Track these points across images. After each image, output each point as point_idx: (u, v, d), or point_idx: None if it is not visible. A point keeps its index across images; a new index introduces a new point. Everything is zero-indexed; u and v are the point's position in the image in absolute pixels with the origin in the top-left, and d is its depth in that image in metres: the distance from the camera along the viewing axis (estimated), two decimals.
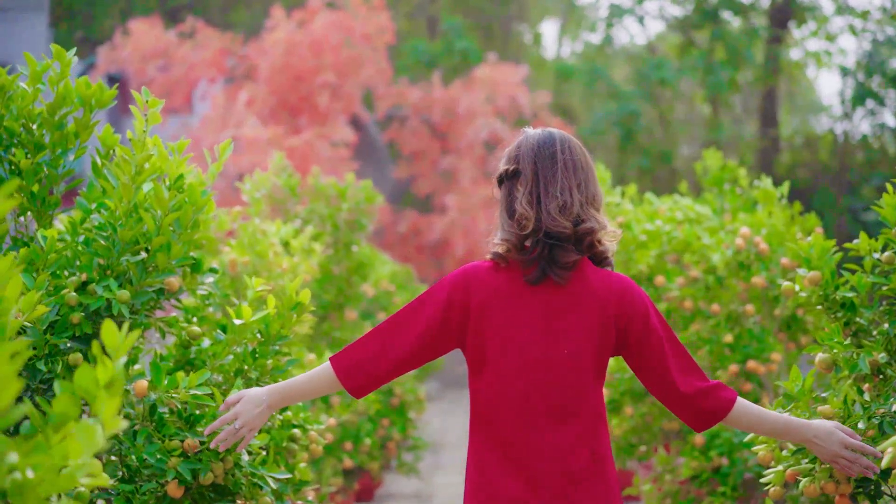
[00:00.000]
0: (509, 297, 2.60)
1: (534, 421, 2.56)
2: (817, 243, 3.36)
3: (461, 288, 2.63)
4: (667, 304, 5.18)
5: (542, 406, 2.57)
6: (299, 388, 2.73)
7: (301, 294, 3.21)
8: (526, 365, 2.57)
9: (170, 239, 3.01)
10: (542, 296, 2.60)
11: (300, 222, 6.09)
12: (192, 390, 2.88)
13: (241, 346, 3.24)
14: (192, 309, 3.58)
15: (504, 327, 2.59)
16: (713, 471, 4.91)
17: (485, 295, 2.61)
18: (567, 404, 2.57)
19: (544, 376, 2.57)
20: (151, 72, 16.48)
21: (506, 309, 2.60)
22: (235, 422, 2.68)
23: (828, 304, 3.26)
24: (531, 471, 2.55)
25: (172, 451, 2.93)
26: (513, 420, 2.57)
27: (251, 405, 2.69)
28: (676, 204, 5.46)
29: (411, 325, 2.65)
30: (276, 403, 2.72)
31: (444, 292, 2.64)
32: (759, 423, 2.64)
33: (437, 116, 17.55)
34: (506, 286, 2.61)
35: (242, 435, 2.69)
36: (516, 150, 2.69)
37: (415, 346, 2.64)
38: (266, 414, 2.71)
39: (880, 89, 18.14)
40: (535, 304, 2.60)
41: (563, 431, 2.56)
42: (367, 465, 6.68)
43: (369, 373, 2.67)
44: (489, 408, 2.60)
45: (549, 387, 2.57)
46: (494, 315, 2.60)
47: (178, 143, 3.07)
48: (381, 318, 8.43)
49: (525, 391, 2.57)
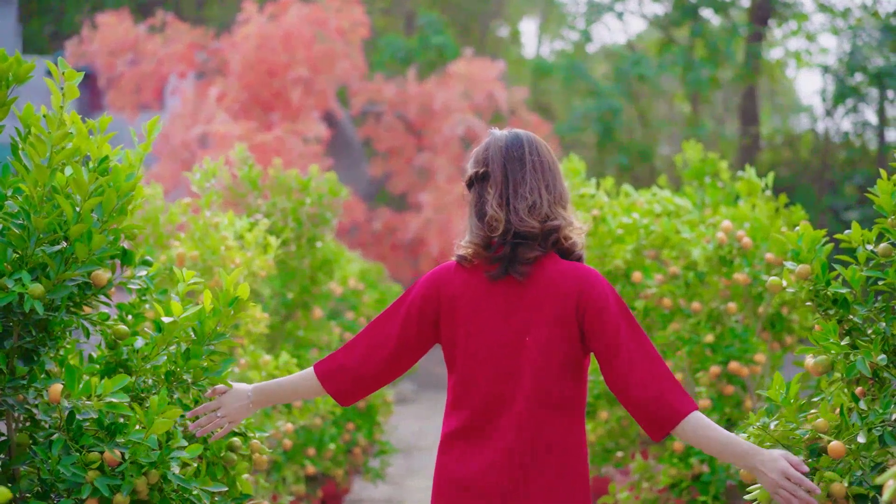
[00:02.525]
0: (475, 293, 2.71)
1: (498, 408, 2.66)
2: (806, 234, 3.07)
3: (433, 286, 2.76)
4: (644, 301, 4.89)
5: (506, 393, 2.65)
6: (283, 389, 2.86)
7: (239, 288, 2.90)
8: (491, 354, 2.67)
9: (91, 227, 2.70)
10: (502, 290, 2.69)
11: (261, 216, 5.77)
12: (107, 397, 2.56)
13: (175, 346, 2.93)
14: (126, 306, 3.26)
15: (470, 322, 2.70)
16: (693, 478, 4.62)
17: (452, 291, 2.73)
18: (532, 394, 2.63)
19: (508, 364, 2.65)
20: (120, 66, 16.12)
21: (470, 303, 2.71)
22: (218, 410, 2.81)
23: (818, 300, 2.97)
24: (492, 455, 2.64)
25: (91, 463, 2.62)
26: (478, 406, 2.67)
27: (234, 398, 2.82)
28: (655, 196, 5.18)
29: (390, 325, 2.77)
30: (259, 401, 2.85)
31: (417, 291, 2.78)
32: (707, 441, 2.58)
33: (413, 113, 17.24)
34: (472, 283, 2.72)
35: (222, 424, 2.81)
36: (484, 152, 2.75)
37: (396, 344, 2.75)
38: (249, 409, 2.83)
39: (862, 87, 17.98)
40: (496, 298, 2.69)
41: (526, 419, 2.63)
42: (331, 472, 6.36)
43: (354, 376, 2.77)
44: (458, 396, 2.71)
45: (512, 375, 2.65)
46: (461, 309, 2.71)
47: (101, 120, 2.75)
48: (349, 317, 8.12)
49: (491, 378, 2.67)
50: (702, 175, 5.79)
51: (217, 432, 2.84)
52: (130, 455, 2.62)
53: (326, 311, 7.61)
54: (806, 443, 2.68)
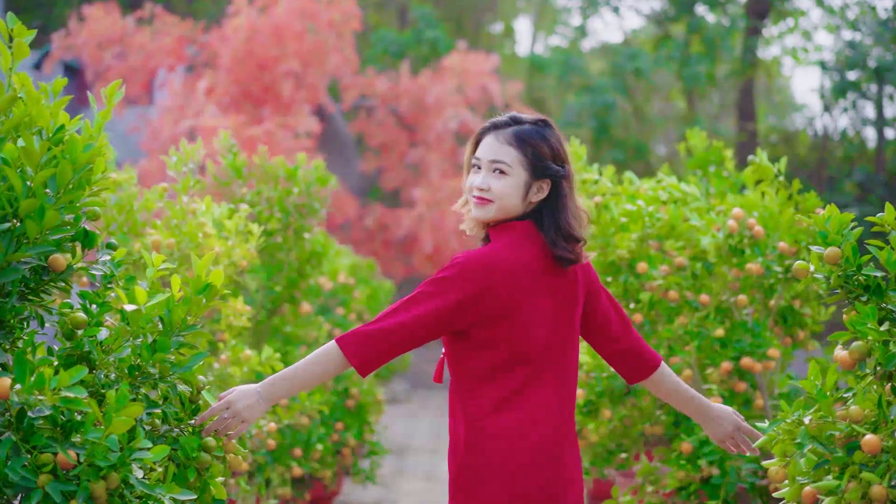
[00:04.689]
0: (539, 269, 2.75)
1: (563, 364, 2.78)
2: (834, 216, 2.80)
3: (490, 267, 2.70)
4: (649, 294, 4.62)
5: (563, 351, 2.78)
6: (296, 373, 2.69)
7: (212, 275, 2.62)
8: (543, 322, 2.73)
9: (43, 203, 2.42)
10: (551, 270, 2.78)
11: (246, 206, 5.48)
12: (63, 391, 2.28)
13: (142, 338, 2.66)
14: (90, 294, 2.98)
15: (529, 293, 2.72)
16: (702, 482, 4.34)
17: (515, 272, 2.72)
18: (565, 362, 2.79)
19: (554, 332, 2.76)
20: (108, 59, 15.80)
21: (533, 278, 2.74)
22: (226, 411, 2.67)
23: (849, 286, 2.70)
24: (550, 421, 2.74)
25: (43, 466, 2.34)
26: (543, 365, 2.74)
27: (241, 395, 2.67)
28: (660, 183, 4.90)
29: (436, 299, 2.68)
30: (270, 394, 2.69)
31: (470, 270, 2.70)
32: (675, 391, 2.95)
33: (406, 107, 16.94)
34: (532, 260, 2.75)
35: (234, 425, 2.68)
36: (560, 147, 2.80)
37: (436, 315, 2.68)
38: (261, 406, 2.68)
39: (862, 82, 17.77)
40: (547, 277, 2.77)
41: (562, 387, 2.77)
42: (319, 474, 6.07)
43: (379, 347, 2.66)
44: (519, 355, 2.71)
45: (557, 343, 2.77)
46: (523, 284, 2.72)
47: (55, 83, 2.47)
48: (339, 313, 7.84)
49: (549, 339, 2.75)
50: (706, 164, 5.53)
51: (230, 434, 2.72)
52: (87, 456, 2.33)
53: (315, 307, 7.34)
54: (841, 440, 2.40)
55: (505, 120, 2.79)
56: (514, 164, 2.72)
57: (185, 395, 2.80)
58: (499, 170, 2.72)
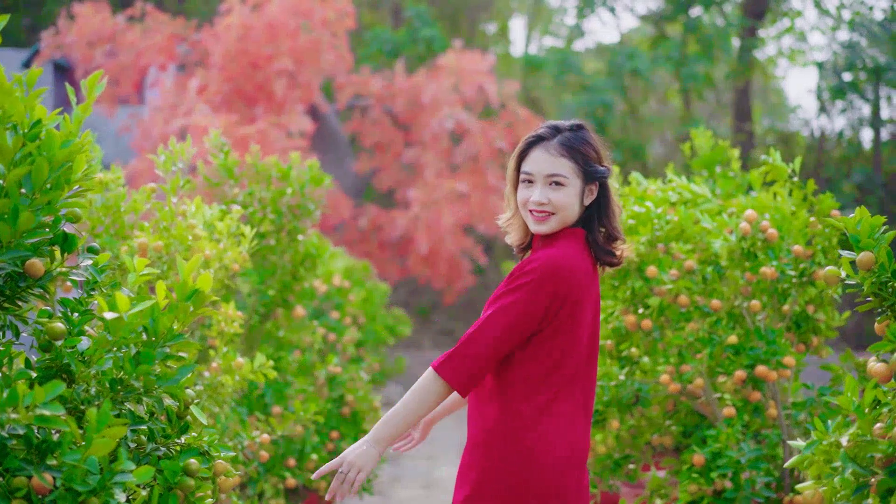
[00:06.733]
0: (593, 278, 2.82)
1: (590, 374, 2.83)
2: (865, 219, 2.62)
3: (568, 276, 2.72)
4: (658, 299, 4.43)
5: (591, 362, 2.84)
6: (398, 409, 2.72)
7: (200, 279, 2.43)
8: (587, 331, 2.80)
9: (17, 203, 2.23)
10: (596, 278, 2.85)
11: (238, 208, 5.29)
12: (38, 408, 2.08)
13: (125, 349, 2.46)
14: (71, 302, 2.78)
15: (592, 301, 2.79)
16: (715, 495, 4.16)
17: (582, 279, 2.75)
18: (588, 370, 2.83)
19: (592, 339, 2.84)
20: (98, 58, 15.57)
21: (590, 287, 2.79)
22: (342, 466, 2.67)
23: (884, 293, 2.52)
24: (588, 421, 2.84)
25: (16, 491, 2.15)
26: (580, 372, 2.79)
27: (351, 448, 2.69)
28: (668, 184, 4.72)
29: (524, 305, 2.69)
30: (379, 435, 2.71)
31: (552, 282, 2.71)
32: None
33: (401, 107, 16.73)
34: (591, 268, 2.81)
35: (352, 479, 2.67)
36: (601, 147, 2.88)
37: (525, 323, 2.71)
38: (372, 451, 2.69)
39: (859, 83, 17.63)
40: (595, 285, 2.83)
41: (588, 395, 2.83)
42: (313, 484, 5.86)
43: (474, 367, 2.69)
44: (567, 360, 2.75)
45: (593, 347, 2.85)
46: (586, 291, 2.76)
47: (29, 73, 2.27)
48: (333, 317, 7.63)
49: (588, 348, 2.82)
50: (712, 164, 5.36)
51: (353, 486, 2.71)
52: (65, 480, 2.14)
53: (309, 311, 7.14)
54: (882, 462, 2.22)
55: (548, 131, 2.81)
56: (570, 174, 2.75)
57: (173, 411, 2.61)
58: (556, 182, 2.75)
